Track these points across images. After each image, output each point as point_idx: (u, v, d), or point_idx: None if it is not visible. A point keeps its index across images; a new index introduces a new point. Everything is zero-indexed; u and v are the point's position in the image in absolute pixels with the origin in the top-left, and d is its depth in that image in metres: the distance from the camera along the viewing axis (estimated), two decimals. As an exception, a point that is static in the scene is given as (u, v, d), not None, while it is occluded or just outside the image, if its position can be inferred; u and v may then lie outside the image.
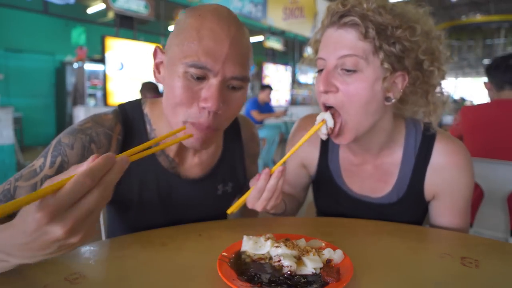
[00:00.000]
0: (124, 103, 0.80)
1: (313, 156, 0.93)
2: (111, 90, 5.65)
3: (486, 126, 1.52)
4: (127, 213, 0.82)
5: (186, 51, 0.62)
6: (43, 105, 7.16)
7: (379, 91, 0.71)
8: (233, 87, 0.66)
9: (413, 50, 0.70)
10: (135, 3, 5.92)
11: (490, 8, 12.92)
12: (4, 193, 0.63)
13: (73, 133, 0.70)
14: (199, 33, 0.61)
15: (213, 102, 0.62)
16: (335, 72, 0.71)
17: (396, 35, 0.68)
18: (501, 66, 1.58)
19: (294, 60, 10.44)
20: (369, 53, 0.69)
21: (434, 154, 0.80)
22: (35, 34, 6.99)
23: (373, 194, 0.86)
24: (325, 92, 0.71)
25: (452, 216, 0.82)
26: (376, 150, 0.83)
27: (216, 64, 0.62)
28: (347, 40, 0.70)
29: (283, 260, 0.53)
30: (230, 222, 0.83)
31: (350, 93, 0.70)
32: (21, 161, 4.93)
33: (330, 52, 0.71)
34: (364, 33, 0.68)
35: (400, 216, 0.85)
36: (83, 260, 0.60)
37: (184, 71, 0.63)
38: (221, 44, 0.61)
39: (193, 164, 0.82)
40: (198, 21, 0.63)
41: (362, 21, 0.68)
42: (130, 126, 0.77)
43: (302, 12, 9.36)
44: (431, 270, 0.59)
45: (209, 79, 0.63)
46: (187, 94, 0.63)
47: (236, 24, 0.65)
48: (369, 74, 0.69)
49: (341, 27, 0.71)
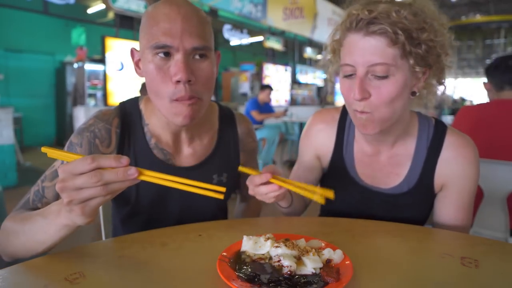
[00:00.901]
0: (125, 100, 0.88)
1: (328, 146, 0.95)
2: (111, 90, 5.65)
3: (485, 126, 1.52)
4: (125, 208, 0.85)
5: (149, 37, 0.70)
6: (43, 105, 7.16)
7: (407, 89, 0.74)
8: (198, 56, 0.72)
9: (435, 48, 0.73)
10: (135, 3, 5.92)
11: (490, 8, 12.93)
12: (35, 194, 0.75)
13: (80, 132, 0.80)
14: (155, 19, 0.70)
15: (182, 73, 0.69)
16: (366, 78, 0.73)
17: (422, 38, 0.70)
18: (500, 67, 1.58)
19: (294, 60, 10.45)
20: (398, 58, 0.70)
21: (445, 147, 0.84)
22: (35, 34, 6.99)
23: (384, 185, 0.89)
24: (360, 100, 0.73)
25: (456, 209, 0.85)
26: (391, 142, 0.86)
27: (174, 40, 0.69)
28: (376, 48, 0.70)
29: (283, 260, 0.53)
30: (230, 222, 0.83)
31: (382, 96, 0.72)
32: (21, 161, 4.94)
33: (359, 59, 0.72)
34: (394, 39, 0.69)
35: (409, 207, 0.87)
36: (83, 260, 0.60)
37: (151, 55, 0.70)
38: (174, 22, 0.69)
39: (187, 155, 0.87)
40: (153, 10, 0.72)
41: (392, 29, 0.68)
42: (128, 120, 0.84)
43: (302, 13, 9.37)
44: (431, 270, 0.59)
45: (174, 55, 0.70)
46: (159, 74, 0.70)
47: (187, 5, 0.72)
48: (399, 77, 0.72)
49: (369, 34, 0.70)
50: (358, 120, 0.77)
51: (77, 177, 0.50)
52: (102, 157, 0.51)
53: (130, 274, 0.55)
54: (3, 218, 1.20)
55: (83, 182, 0.50)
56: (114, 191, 0.52)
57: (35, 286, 0.51)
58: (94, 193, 0.51)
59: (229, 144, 0.93)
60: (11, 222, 0.67)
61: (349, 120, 0.93)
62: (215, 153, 0.90)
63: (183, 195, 0.86)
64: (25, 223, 0.63)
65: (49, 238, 0.59)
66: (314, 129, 0.97)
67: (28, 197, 0.75)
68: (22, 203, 0.75)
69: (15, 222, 0.66)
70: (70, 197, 0.51)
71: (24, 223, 0.63)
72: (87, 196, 0.51)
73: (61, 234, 0.59)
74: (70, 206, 0.52)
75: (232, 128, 0.95)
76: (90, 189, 0.50)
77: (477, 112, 1.60)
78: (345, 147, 0.93)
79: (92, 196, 0.51)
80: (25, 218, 0.64)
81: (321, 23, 10.16)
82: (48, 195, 0.75)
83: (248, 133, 0.98)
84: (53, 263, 0.59)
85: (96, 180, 0.49)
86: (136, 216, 0.87)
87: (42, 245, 0.61)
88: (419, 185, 0.86)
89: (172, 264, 0.59)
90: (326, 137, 0.95)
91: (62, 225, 0.57)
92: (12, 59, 6.77)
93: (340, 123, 0.94)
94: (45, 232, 0.59)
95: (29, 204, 0.74)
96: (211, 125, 0.92)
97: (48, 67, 7.23)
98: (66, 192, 0.51)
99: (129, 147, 0.83)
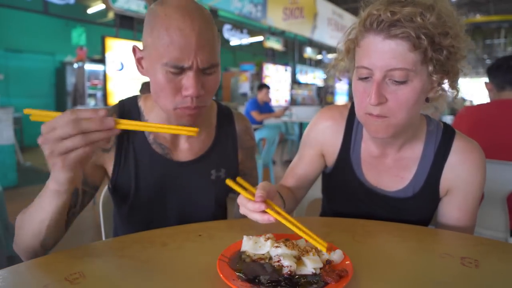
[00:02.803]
0: (124, 99, 0.90)
1: (334, 144, 0.93)
2: (111, 90, 5.64)
3: (486, 126, 1.52)
4: (125, 205, 0.87)
5: (162, 52, 0.69)
6: (43, 105, 7.15)
7: (424, 95, 0.73)
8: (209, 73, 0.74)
9: (456, 54, 0.70)
10: (135, 3, 5.91)
11: (490, 8, 12.92)
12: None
13: None
14: (169, 34, 0.68)
15: (193, 90, 0.71)
16: (383, 83, 0.70)
17: (444, 44, 0.67)
18: (502, 67, 1.58)
19: (294, 60, 10.44)
20: (418, 64, 0.68)
21: (453, 152, 0.83)
22: (35, 34, 6.98)
23: (389, 188, 0.88)
24: (377, 104, 0.70)
25: (461, 213, 0.84)
26: (398, 145, 0.85)
27: (188, 60, 0.69)
28: (396, 52, 0.67)
29: (283, 260, 0.53)
30: (230, 222, 0.83)
31: (398, 102, 0.70)
32: (21, 161, 4.93)
33: (378, 63, 0.69)
34: (417, 44, 0.66)
35: (413, 212, 0.87)
36: (83, 260, 0.60)
37: (163, 69, 0.70)
38: (189, 40, 0.68)
39: (184, 149, 0.88)
40: (166, 21, 0.69)
41: (415, 33, 0.65)
42: (127, 117, 0.85)
43: (302, 13, 9.36)
44: (431, 270, 0.59)
45: (186, 71, 0.71)
46: (170, 86, 0.72)
47: (200, 16, 0.71)
48: (417, 83, 0.69)
49: (390, 37, 0.67)
50: (372, 124, 0.74)
51: (57, 129, 0.53)
52: (81, 109, 0.54)
53: (130, 274, 0.55)
54: (3, 218, 1.20)
55: (62, 132, 0.52)
56: (92, 141, 0.54)
57: (35, 286, 0.51)
58: (74, 143, 0.53)
59: (226, 141, 0.95)
60: (19, 218, 0.70)
61: (357, 119, 0.89)
62: (212, 149, 0.91)
63: (182, 191, 0.88)
64: (28, 209, 0.67)
65: (45, 213, 0.63)
66: (321, 125, 0.94)
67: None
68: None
69: (21, 216, 0.70)
70: (51, 148, 0.53)
71: (27, 210, 0.67)
72: (67, 147, 0.53)
73: (53, 204, 0.62)
74: (52, 159, 0.55)
75: (230, 125, 0.96)
76: (69, 139, 0.53)
77: (477, 112, 1.60)
78: (352, 146, 0.91)
79: (72, 147, 0.53)
80: (28, 207, 0.68)
81: (321, 23, 10.16)
82: None
83: (246, 131, 0.99)
84: (53, 263, 0.59)
85: (74, 128, 0.52)
86: (136, 211, 0.87)
87: (42, 223, 0.64)
88: (425, 189, 0.85)
89: (172, 264, 0.59)
90: (333, 135, 0.93)
91: (51, 192, 0.61)
92: (12, 59, 6.77)
93: (348, 121, 0.92)
94: (42, 207, 0.63)
95: None
96: (209, 121, 0.93)
97: (48, 67, 7.23)
98: (47, 144, 0.54)
99: (128, 143, 0.84)
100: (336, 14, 10.82)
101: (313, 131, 0.96)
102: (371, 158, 0.89)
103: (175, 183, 0.87)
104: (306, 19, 9.54)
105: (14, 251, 0.70)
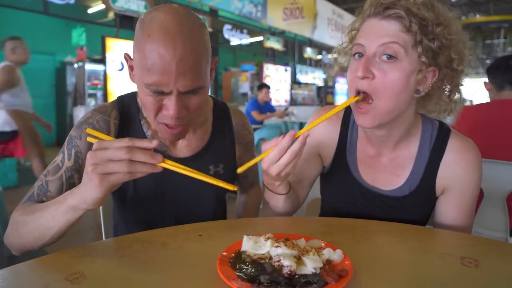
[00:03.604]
0: (123, 94, 0.91)
1: (331, 144, 0.94)
2: (111, 90, 5.64)
3: (486, 126, 1.52)
4: (125, 202, 0.87)
5: (143, 75, 0.70)
6: (43, 105, 7.14)
7: (412, 83, 0.74)
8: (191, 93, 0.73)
9: (448, 48, 0.74)
10: (135, 3, 5.92)
11: (490, 8, 12.92)
12: (39, 188, 0.77)
13: (79, 125, 0.82)
14: (150, 58, 0.67)
15: (174, 111, 0.71)
16: (374, 60, 0.73)
17: (436, 32, 0.72)
18: (501, 66, 1.59)
19: (294, 60, 10.45)
20: (409, 45, 0.71)
21: (448, 150, 0.83)
22: (35, 34, 6.97)
23: (385, 187, 0.88)
24: (362, 78, 0.73)
25: (458, 212, 0.84)
26: (393, 143, 0.86)
27: (168, 85, 0.69)
28: (389, 30, 0.72)
29: (283, 260, 0.53)
30: (230, 222, 0.83)
31: (386, 81, 0.72)
32: (21, 161, 4.93)
33: (372, 39, 0.73)
34: (408, 26, 0.70)
35: (410, 210, 0.87)
36: (83, 260, 0.60)
37: (145, 89, 0.71)
38: (169, 67, 0.67)
39: (182, 146, 0.89)
40: (148, 43, 0.68)
41: (407, 15, 0.70)
42: (126, 112, 0.87)
43: (302, 13, 9.37)
44: (430, 270, 0.59)
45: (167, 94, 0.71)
46: (153, 105, 0.73)
47: (184, 39, 0.68)
48: (406, 65, 0.72)
49: (384, 18, 0.73)
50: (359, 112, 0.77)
51: (110, 150, 0.54)
52: (138, 139, 0.56)
53: (130, 274, 0.55)
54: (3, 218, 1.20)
55: (113, 155, 0.54)
56: (136, 171, 0.56)
57: (35, 286, 0.51)
58: (119, 167, 0.54)
59: (224, 136, 0.95)
60: (20, 213, 0.69)
61: (352, 120, 0.92)
62: (210, 145, 0.92)
63: (181, 188, 0.88)
64: (35, 211, 0.66)
65: (55, 223, 0.62)
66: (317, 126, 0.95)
67: (32, 192, 0.77)
68: (27, 197, 0.76)
69: (24, 212, 0.68)
70: (96, 164, 0.54)
71: (34, 211, 0.66)
72: (111, 169, 0.54)
73: (67, 217, 0.61)
74: (92, 174, 0.55)
75: (226, 120, 0.97)
76: (116, 162, 0.54)
77: (477, 112, 1.60)
78: (348, 146, 0.92)
79: (115, 170, 0.54)
80: (36, 208, 0.67)
81: (321, 23, 10.16)
82: (52, 189, 0.76)
83: (243, 125, 1.00)
84: (53, 263, 0.59)
85: (126, 154, 0.54)
86: (136, 208, 0.88)
87: (49, 231, 0.63)
88: (421, 188, 0.85)
89: (172, 264, 0.59)
90: (329, 135, 0.94)
91: (69, 207, 0.60)
92: (12, 59, 6.76)
93: (344, 122, 0.93)
94: (53, 217, 0.62)
95: (34, 198, 0.76)
96: (205, 117, 0.93)
97: (48, 67, 7.23)
98: (94, 159, 0.55)
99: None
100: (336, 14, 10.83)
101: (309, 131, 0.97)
102: (367, 157, 0.90)
103: (174, 179, 0.86)
104: (306, 19, 9.55)
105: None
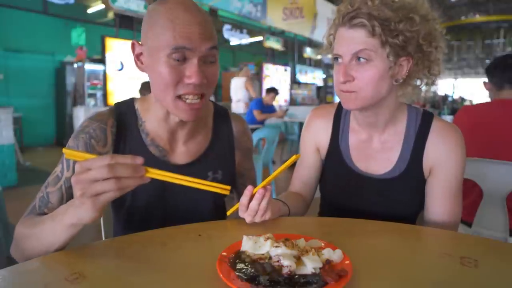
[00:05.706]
0: (119, 102, 0.90)
1: (325, 138, 1.02)
2: (111, 90, 5.65)
3: (485, 126, 1.52)
4: (123, 209, 0.86)
5: (166, 39, 0.72)
6: (43, 105, 7.15)
7: (388, 76, 0.83)
8: (209, 61, 0.77)
9: (414, 38, 0.80)
10: (135, 3, 5.92)
11: (489, 8, 12.92)
12: (41, 200, 0.77)
13: (76, 135, 0.82)
14: (173, 23, 0.72)
15: (196, 77, 0.73)
16: (351, 64, 0.83)
17: (399, 28, 0.78)
18: (500, 65, 1.59)
19: (293, 60, 10.44)
20: (378, 47, 0.80)
21: (432, 131, 0.91)
22: (35, 34, 6.98)
23: (377, 172, 0.94)
24: (344, 82, 0.83)
25: (445, 197, 0.88)
26: (381, 126, 0.93)
27: (192, 42, 0.72)
28: (357, 38, 0.80)
29: (282, 260, 0.53)
30: (230, 222, 0.83)
31: (364, 79, 0.82)
32: (21, 161, 4.93)
33: (345, 49, 0.83)
34: (372, 31, 0.78)
35: (401, 193, 0.92)
36: (83, 260, 0.60)
37: (166, 57, 0.72)
38: (193, 27, 0.73)
39: (181, 152, 0.88)
40: (169, 14, 0.73)
41: (369, 21, 0.78)
42: (123, 119, 0.86)
43: (301, 13, 9.36)
44: (430, 270, 0.59)
45: (189, 59, 0.74)
46: (172, 75, 0.73)
47: (200, 11, 0.77)
48: (378, 63, 0.81)
49: (352, 27, 0.81)
50: (344, 98, 0.86)
51: (92, 170, 0.54)
52: (120, 155, 0.55)
53: (129, 274, 0.55)
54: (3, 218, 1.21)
55: (97, 175, 0.53)
56: (124, 187, 0.55)
57: (35, 286, 0.51)
58: (106, 187, 0.54)
59: (223, 142, 0.95)
60: (22, 227, 0.70)
61: (344, 112, 1.01)
62: (209, 151, 0.92)
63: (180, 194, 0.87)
64: (35, 227, 0.66)
65: (56, 239, 0.62)
66: (312, 123, 1.04)
67: (34, 204, 0.77)
68: (29, 209, 0.77)
69: (25, 227, 0.69)
70: (83, 189, 0.54)
71: (35, 226, 0.67)
72: (99, 190, 0.54)
73: (68, 233, 0.61)
74: (82, 199, 0.55)
75: (226, 126, 0.96)
76: (103, 182, 0.54)
77: (477, 112, 1.60)
78: (340, 136, 0.99)
79: (103, 190, 0.54)
80: (35, 222, 0.67)
81: (321, 23, 10.16)
82: (53, 200, 0.76)
83: (243, 131, 0.99)
84: (53, 263, 0.59)
85: (109, 172, 0.53)
86: (134, 215, 0.87)
87: (51, 246, 0.63)
88: (410, 169, 0.91)
89: (172, 264, 0.59)
90: (324, 129, 1.02)
91: (68, 225, 0.60)
92: (12, 59, 6.76)
93: (336, 116, 1.01)
94: (54, 233, 0.62)
95: (36, 210, 0.76)
96: (206, 123, 0.93)
97: (48, 67, 7.22)
98: (80, 184, 0.54)
99: (124, 145, 0.84)
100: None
101: (306, 130, 1.05)
102: (360, 142, 0.97)
103: (173, 186, 0.85)
104: (305, 19, 9.54)
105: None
